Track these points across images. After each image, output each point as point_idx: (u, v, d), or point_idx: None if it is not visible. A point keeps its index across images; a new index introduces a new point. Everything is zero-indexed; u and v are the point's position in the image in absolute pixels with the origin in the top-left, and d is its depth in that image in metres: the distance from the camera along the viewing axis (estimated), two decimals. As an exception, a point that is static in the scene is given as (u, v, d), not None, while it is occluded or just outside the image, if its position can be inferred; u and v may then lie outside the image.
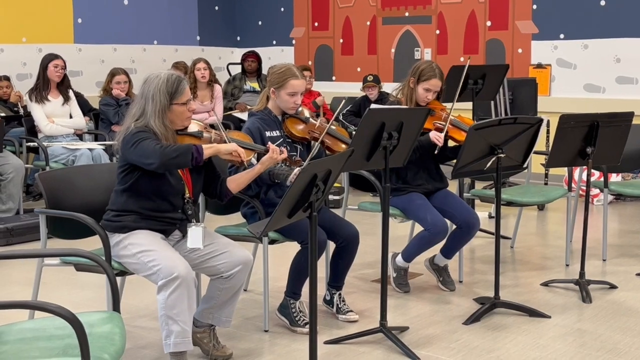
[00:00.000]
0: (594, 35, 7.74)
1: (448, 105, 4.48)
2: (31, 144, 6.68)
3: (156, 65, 8.96)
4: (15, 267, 4.87)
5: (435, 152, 4.24)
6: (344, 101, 4.02)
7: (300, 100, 3.93)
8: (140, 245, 3.27)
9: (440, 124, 4.28)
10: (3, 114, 6.83)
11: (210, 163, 3.52)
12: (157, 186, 3.33)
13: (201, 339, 3.51)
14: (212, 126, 3.66)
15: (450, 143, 4.41)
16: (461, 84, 4.64)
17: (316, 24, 9.65)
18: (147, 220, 3.34)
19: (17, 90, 7.38)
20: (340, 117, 7.61)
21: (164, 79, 3.34)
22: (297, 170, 3.58)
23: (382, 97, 7.63)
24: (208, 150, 3.28)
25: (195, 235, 3.40)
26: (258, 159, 3.55)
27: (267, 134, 3.89)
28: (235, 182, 3.56)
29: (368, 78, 7.84)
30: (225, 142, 3.44)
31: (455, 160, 4.13)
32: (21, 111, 7.16)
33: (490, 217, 6.33)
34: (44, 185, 3.54)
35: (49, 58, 6.73)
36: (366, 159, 3.62)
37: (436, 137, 4.21)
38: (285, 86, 3.88)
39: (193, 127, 3.48)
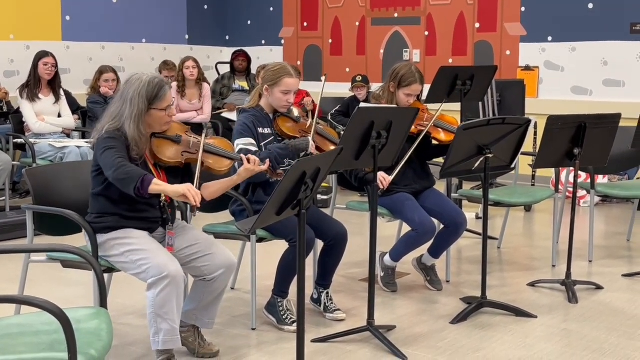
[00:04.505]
0: (582, 38, 7.78)
1: (431, 106, 4.49)
2: (18, 140, 6.65)
3: (145, 64, 8.94)
4: (1, 263, 4.85)
5: (379, 192, 4.13)
6: (323, 83, 4.03)
7: (293, 99, 3.94)
8: (129, 244, 3.25)
9: (422, 125, 4.29)
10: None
11: (188, 167, 3.45)
12: None
13: (186, 339, 3.50)
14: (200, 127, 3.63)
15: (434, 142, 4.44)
16: (430, 86, 4.59)
17: (305, 24, 9.66)
18: (129, 220, 3.32)
19: (3, 87, 7.34)
20: (329, 117, 7.62)
21: (145, 82, 3.25)
22: (311, 138, 3.71)
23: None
24: (155, 187, 3.11)
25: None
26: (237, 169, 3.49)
27: (260, 130, 3.90)
28: (209, 191, 3.43)
29: (357, 78, 7.85)
30: (199, 150, 3.32)
31: (440, 158, 4.13)
32: (5, 108, 7.12)
33: (477, 217, 6.35)
34: (31, 181, 3.53)
35: (40, 55, 6.71)
36: (355, 158, 3.63)
37: (381, 178, 4.06)
38: (279, 84, 3.89)
39: (172, 130, 3.40)
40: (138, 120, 3.23)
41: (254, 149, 3.78)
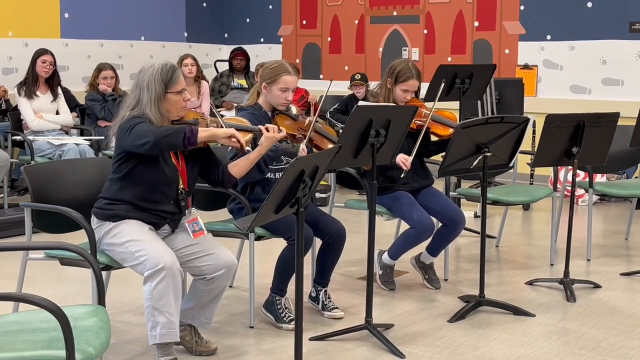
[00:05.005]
0: (581, 37, 7.79)
1: (429, 104, 4.48)
2: (17, 137, 6.65)
3: (143, 61, 8.79)
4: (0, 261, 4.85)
5: (402, 175, 4.21)
6: (328, 86, 4.02)
7: (291, 96, 3.94)
8: (129, 235, 3.27)
9: (421, 121, 4.29)
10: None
11: (208, 149, 3.51)
12: (152, 176, 3.32)
13: (183, 337, 3.50)
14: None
15: (433, 138, 4.44)
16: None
17: (304, 22, 9.65)
18: (138, 212, 3.34)
19: (2, 84, 7.33)
20: (328, 115, 7.62)
21: (158, 68, 3.35)
22: (303, 145, 3.68)
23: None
24: (204, 133, 3.25)
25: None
26: (256, 144, 3.55)
27: (258, 128, 3.91)
28: (236, 167, 3.52)
29: (356, 77, 7.85)
30: (222, 127, 3.43)
31: (439, 155, 4.13)
32: (4, 105, 7.11)
33: (476, 216, 6.35)
34: (29, 179, 3.52)
35: (38, 53, 6.71)
36: (353, 156, 3.63)
37: (402, 160, 4.18)
38: (277, 81, 3.89)
39: (188, 116, 3.48)
40: (158, 103, 3.31)
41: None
